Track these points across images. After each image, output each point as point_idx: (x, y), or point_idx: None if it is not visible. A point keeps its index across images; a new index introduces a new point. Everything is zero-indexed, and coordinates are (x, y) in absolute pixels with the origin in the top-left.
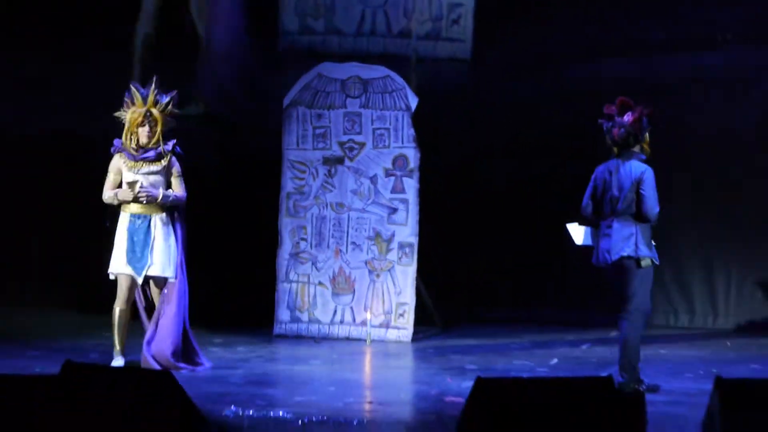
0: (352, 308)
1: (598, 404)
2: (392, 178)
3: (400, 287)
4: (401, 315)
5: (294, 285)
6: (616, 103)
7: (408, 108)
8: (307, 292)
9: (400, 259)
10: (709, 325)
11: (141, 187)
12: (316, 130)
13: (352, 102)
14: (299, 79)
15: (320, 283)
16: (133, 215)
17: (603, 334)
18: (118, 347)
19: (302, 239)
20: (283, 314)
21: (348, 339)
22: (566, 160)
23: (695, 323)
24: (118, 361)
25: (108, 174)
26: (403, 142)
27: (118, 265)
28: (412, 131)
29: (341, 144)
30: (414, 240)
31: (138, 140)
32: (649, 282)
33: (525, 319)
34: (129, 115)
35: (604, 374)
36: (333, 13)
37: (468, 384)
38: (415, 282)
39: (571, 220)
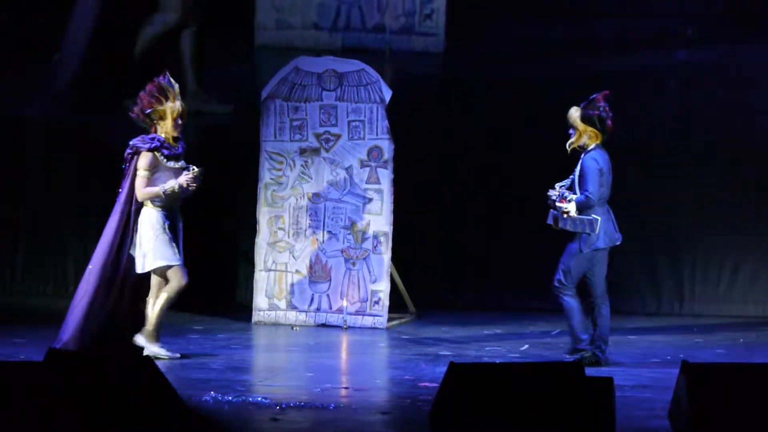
0: (328, 296)
1: (567, 388)
2: (367, 168)
3: (375, 275)
4: (376, 302)
5: (272, 273)
6: (603, 96)
7: (382, 101)
8: (284, 280)
9: (375, 247)
10: (676, 311)
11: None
12: (293, 122)
13: (328, 95)
14: (276, 72)
15: (297, 272)
16: (164, 210)
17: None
18: (153, 331)
19: (280, 228)
20: (261, 302)
21: (325, 326)
22: (541, 150)
23: (662, 309)
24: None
25: (142, 172)
26: (377, 134)
27: (173, 257)
28: (386, 123)
29: (317, 136)
30: (388, 229)
31: (172, 135)
32: None
33: (497, 306)
34: (168, 109)
35: (572, 359)
36: (309, 8)
37: (442, 369)
38: (389, 270)
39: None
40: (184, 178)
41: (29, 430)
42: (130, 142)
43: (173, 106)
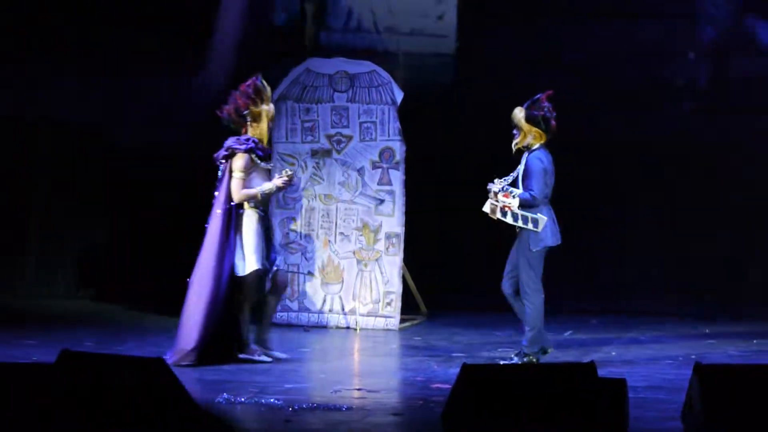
0: (340, 297)
1: (580, 390)
2: (379, 170)
3: (387, 276)
4: (388, 304)
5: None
6: (547, 96)
7: (394, 102)
8: (296, 281)
9: (387, 249)
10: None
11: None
12: (304, 124)
13: (340, 96)
14: (288, 73)
15: (309, 273)
16: (261, 211)
17: (584, 322)
18: (248, 342)
19: (292, 230)
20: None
21: (337, 327)
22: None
23: (674, 310)
24: (265, 357)
25: (239, 173)
26: (389, 135)
27: (259, 263)
28: (397, 125)
29: (329, 137)
30: (400, 230)
31: (264, 138)
32: None
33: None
34: (264, 112)
35: (585, 360)
36: (322, 9)
37: (454, 371)
38: (401, 271)
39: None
40: (280, 181)
41: (41, 431)
42: (225, 144)
43: (269, 109)
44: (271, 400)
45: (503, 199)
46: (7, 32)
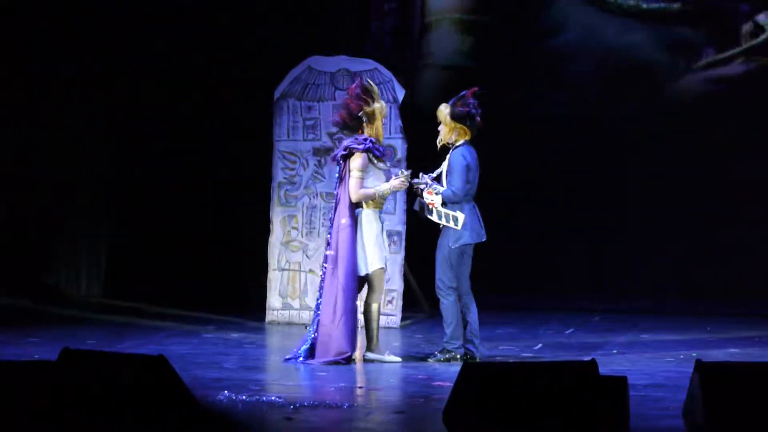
0: None
1: (581, 388)
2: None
3: (388, 274)
4: (390, 301)
5: (285, 273)
6: (472, 92)
7: (395, 100)
8: (298, 279)
9: (388, 246)
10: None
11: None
12: (306, 122)
13: (342, 94)
14: (289, 71)
15: (311, 271)
16: (378, 211)
17: (585, 320)
18: (377, 342)
19: (293, 228)
20: (274, 301)
21: None
22: (558, 148)
23: (677, 307)
24: (393, 357)
25: (357, 173)
26: (390, 133)
27: (382, 260)
28: (399, 122)
29: (331, 135)
30: (402, 228)
31: (380, 137)
32: None
33: (510, 305)
34: (377, 110)
35: (586, 358)
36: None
37: (455, 369)
38: (403, 269)
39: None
40: (397, 182)
41: (43, 429)
42: (344, 143)
43: (381, 107)
44: (273, 398)
45: (427, 197)
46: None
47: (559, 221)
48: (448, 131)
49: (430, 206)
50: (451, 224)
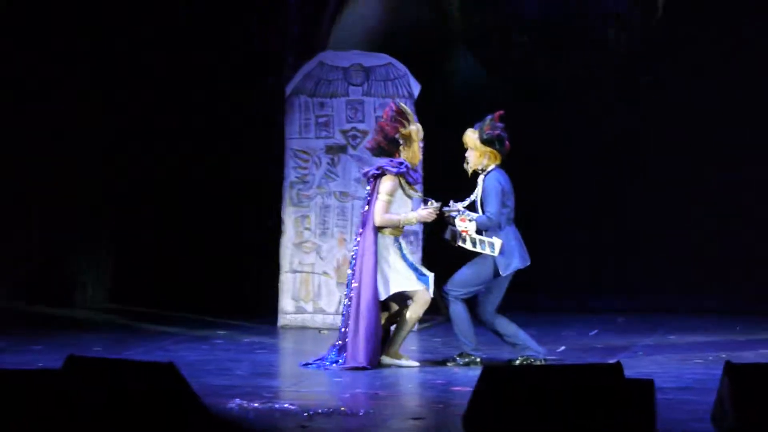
0: None
1: (606, 391)
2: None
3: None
4: None
5: (298, 275)
6: (499, 116)
7: (411, 95)
8: (311, 281)
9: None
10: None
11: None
12: (318, 119)
13: (355, 90)
14: (301, 68)
15: (324, 273)
16: (396, 238)
17: (610, 321)
18: (397, 348)
19: (306, 228)
20: (287, 305)
21: None
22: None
23: (705, 306)
24: (410, 361)
25: (385, 196)
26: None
27: (415, 282)
28: (415, 119)
29: (344, 132)
30: (418, 228)
31: (418, 159)
32: None
33: (532, 306)
34: (413, 132)
35: (611, 361)
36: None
37: (475, 373)
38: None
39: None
40: (425, 212)
41: None
42: (378, 163)
43: (417, 129)
44: (286, 405)
45: (460, 224)
46: None
47: (579, 217)
48: (478, 156)
49: (464, 234)
50: (487, 251)
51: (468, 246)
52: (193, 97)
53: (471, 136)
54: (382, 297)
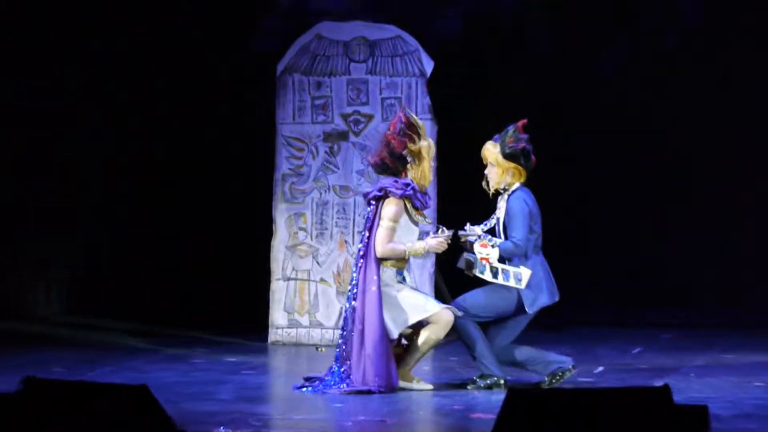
0: None
1: (652, 418)
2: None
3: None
4: None
5: (292, 283)
6: (522, 126)
7: (422, 73)
8: (307, 290)
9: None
10: None
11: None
12: (315, 101)
13: (357, 67)
14: (295, 41)
15: (322, 280)
16: (399, 271)
17: (654, 337)
18: (410, 369)
19: (301, 229)
20: (279, 318)
21: None
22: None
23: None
24: (423, 384)
25: (389, 223)
26: (417, 114)
27: (431, 306)
28: (427, 100)
29: (345, 117)
30: (431, 228)
31: (428, 180)
32: None
33: (564, 320)
34: (424, 149)
35: (658, 384)
36: None
37: (498, 398)
38: (434, 276)
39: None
40: (435, 241)
41: None
42: (380, 183)
43: (429, 145)
44: None
45: (480, 250)
46: None
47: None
48: (500, 173)
49: (483, 262)
50: (512, 282)
51: (487, 276)
52: (177, 74)
53: (491, 150)
54: (394, 335)
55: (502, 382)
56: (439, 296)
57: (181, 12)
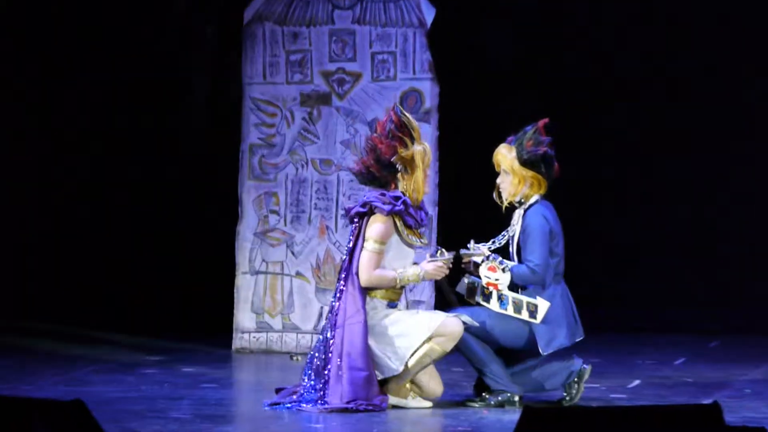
0: None
1: None
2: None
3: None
4: None
5: (261, 278)
6: (544, 126)
7: (422, 23)
8: (279, 287)
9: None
10: None
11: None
12: (290, 56)
13: (342, 15)
14: None
15: (299, 275)
16: (392, 303)
17: (701, 344)
18: (406, 383)
19: (272, 212)
20: (245, 319)
21: None
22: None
23: None
24: (419, 401)
25: (374, 245)
26: (414, 73)
27: (435, 319)
28: (428, 56)
29: (327, 75)
30: (432, 210)
31: (423, 193)
32: None
33: (590, 323)
34: (418, 155)
35: (706, 401)
36: None
37: (512, 417)
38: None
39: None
40: (432, 266)
41: None
42: (365, 198)
43: (423, 150)
44: None
45: (488, 274)
46: None
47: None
48: (516, 183)
49: (491, 288)
50: (524, 316)
51: (493, 306)
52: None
53: (506, 155)
54: (399, 369)
55: (516, 398)
56: (445, 302)
57: None
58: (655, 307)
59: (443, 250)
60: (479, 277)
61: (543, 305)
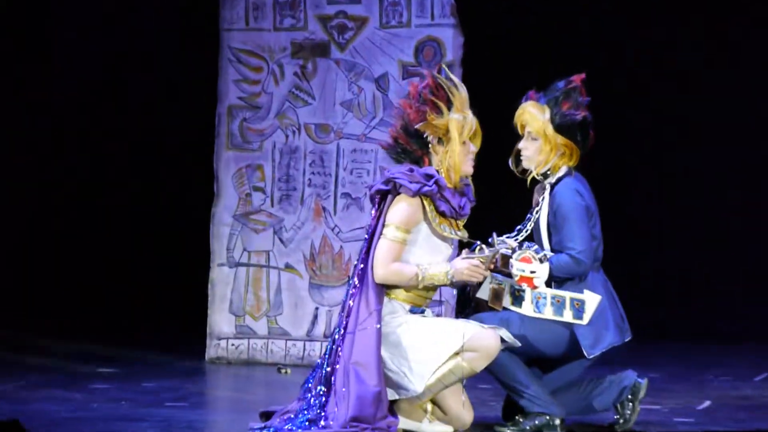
0: None
1: None
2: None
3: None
4: None
5: (242, 271)
6: (582, 82)
7: None
8: (264, 282)
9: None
10: None
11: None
12: None
13: None
14: None
15: (288, 267)
16: (417, 309)
17: None
18: (425, 403)
19: (256, 189)
20: (221, 322)
21: None
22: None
23: None
24: (438, 425)
25: (396, 233)
26: (433, 17)
27: (455, 342)
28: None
29: (324, 20)
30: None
31: (462, 174)
32: None
33: (644, 325)
34: (455, 124)
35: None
36: None
37: None
38: None
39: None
40: (465, 265)
41: None
42: (388, 173)
43: (462, 119)
44: None
45: (522, 267)
46: None
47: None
48: (547, 151)
49: (524, 287)
50: (568, 317)
51: (526, 310)
52: None
53: (537, 117)
54: (418, 390)
55: (557, 422)
56: (466, 301)
57: None
58: (730, 314)
59: (483, 246)
60: (508, 275)
61: (592, 300)
